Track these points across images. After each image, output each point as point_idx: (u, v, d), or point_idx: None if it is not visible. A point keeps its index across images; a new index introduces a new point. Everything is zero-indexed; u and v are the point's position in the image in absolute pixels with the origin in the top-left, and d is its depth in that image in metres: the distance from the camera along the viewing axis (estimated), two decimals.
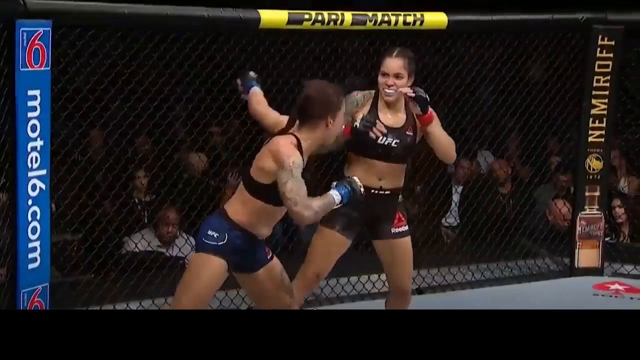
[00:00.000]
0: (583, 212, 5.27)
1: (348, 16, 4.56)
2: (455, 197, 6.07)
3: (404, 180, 3.84)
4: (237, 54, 4.64)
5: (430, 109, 3.71)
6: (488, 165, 6.40)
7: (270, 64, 4.79)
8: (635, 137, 5.91)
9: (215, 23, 4.30)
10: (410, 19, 4.72)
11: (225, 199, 5.36)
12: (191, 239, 5.04)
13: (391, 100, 3.75)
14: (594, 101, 5.19)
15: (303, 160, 3.27)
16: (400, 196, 3.84)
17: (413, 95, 3.68)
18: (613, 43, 5.10)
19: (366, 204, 3.61)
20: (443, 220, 5.93)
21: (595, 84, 5.17)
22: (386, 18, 4.65)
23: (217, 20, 4.30)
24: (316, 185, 4.52)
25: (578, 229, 5.27)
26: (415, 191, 5.69)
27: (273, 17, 4.41)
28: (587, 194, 5.29)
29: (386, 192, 3.77)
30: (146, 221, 5.21)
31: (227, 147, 5.24)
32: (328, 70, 4.99)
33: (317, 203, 3.24)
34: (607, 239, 5.50)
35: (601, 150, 5.24)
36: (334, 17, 4.52)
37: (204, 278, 3.33)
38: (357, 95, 3.82)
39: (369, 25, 4.63)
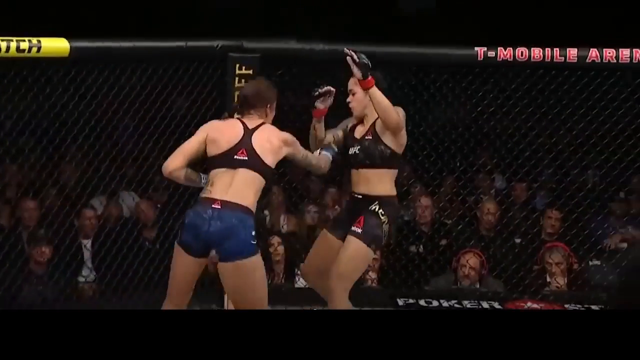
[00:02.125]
0: None
1: None
2: (86, 252, 5.62)
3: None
4: None
5: (370, 75, 4.19)
6: (132, 207, 6.08)
7: None
8: (293, 174, 5.90)
9: None
10: (24, 45, 4.32)
11: None
12: None
13: (354, 112, 4.40)
14: None
15: None
16: (377, 205, 4.25)
17: (357, 60, 4.18)
18: (251, 72, 4.99)
19: (347, 207, 4.45)
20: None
21: None
22: None
23: None
24: None
25: None
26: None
27: None
28: None
29: (358, 196, 4.33)
30: None
31: None
32: None
33: (324, 159, 4.24)
34: None
35: None
36: None
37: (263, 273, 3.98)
38: (348, 120, 4.48)
39: None
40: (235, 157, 3.94)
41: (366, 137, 4.33)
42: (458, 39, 5.67)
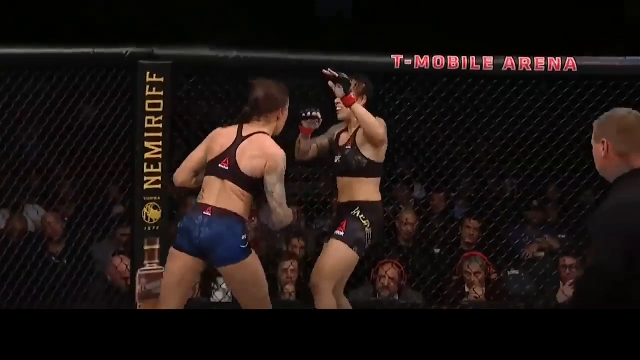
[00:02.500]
0: (143, 269, 4.89)
1: None
2: None
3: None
4: None
5: (351, 91, 4.35)
6: (38, 221, 5.87)
7: None
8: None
9: None
10: None
11: None
12: None
13: (339, 114, 4.52)
14: (147, 144, 4.86)
15: None
16: (358, 210, 4.44)
17: (337, 75, 4.31)
18: (162, 80, 4.84)
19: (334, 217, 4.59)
20: None
21: (147, 125, 4.89)
22: None
23: None
24: None
25: (138, 287, 4.91)
26: None
27: None
28: (146, 247, 4.94)
29: (342, 203, 4.51)
30: None
31: None
32: None
33: (289, 211, 4.12)
34: None
35: (159, 198, 4.93)
36: None
37: (260, 269, 4.12)
38: (335, 127, 4.63)
39: None
40: (219, 165, 4.08)
41: (346, 147, 4.52)
42: (376, 46, 5.65)
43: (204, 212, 4.03)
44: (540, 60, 4.97)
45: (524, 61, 4.96)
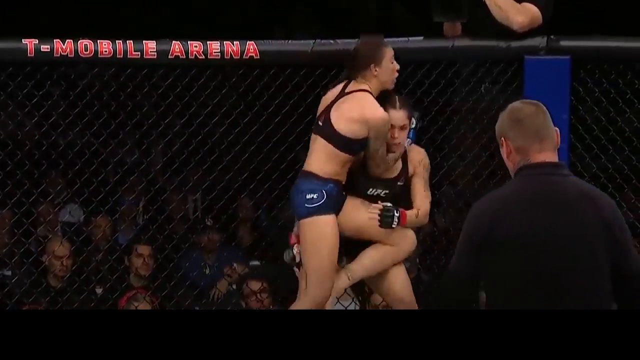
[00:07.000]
0: None
1: None
2: None
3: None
4: None
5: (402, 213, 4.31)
6: None
7: None
8: None
9: None
10: None
11: None
12: None
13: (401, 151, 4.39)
14: None
15: None
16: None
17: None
18: None
19: None
20: None
21: None
22: None
23: None
24: None
25: None
26: None
27: None
28: None
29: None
30: None
31: None
32: None
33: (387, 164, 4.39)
34: None
35: None
36: None
37: (326, 237, 4.24)
38: None
39: None
40: (318, 122, 4.31)
41: (399, 183, 4.43)
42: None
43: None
44: (215, 46, 4.58)
45: (195, 46, 4.55)
